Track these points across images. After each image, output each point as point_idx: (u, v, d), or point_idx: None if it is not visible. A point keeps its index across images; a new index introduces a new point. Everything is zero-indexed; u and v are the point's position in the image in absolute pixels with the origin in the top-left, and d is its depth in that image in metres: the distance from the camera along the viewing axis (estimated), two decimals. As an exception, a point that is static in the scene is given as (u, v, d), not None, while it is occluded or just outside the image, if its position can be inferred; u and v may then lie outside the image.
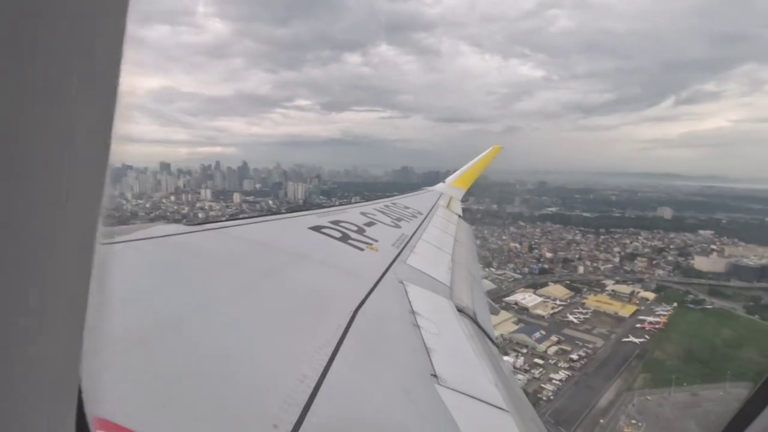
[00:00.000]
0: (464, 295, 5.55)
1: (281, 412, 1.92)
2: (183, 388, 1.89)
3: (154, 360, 2.02)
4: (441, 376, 2.89)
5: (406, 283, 4.77)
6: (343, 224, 6.63)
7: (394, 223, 8.16)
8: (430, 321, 3.94)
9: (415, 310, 4.05)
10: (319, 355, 2.55)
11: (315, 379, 2.26)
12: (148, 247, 3.62)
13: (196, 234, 4.45)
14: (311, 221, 6.34)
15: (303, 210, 8.03)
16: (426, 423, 2.37)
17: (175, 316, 2.49)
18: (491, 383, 3.22)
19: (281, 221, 6.33)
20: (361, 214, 8.03)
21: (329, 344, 2.72)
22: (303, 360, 2.44)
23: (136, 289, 2.74)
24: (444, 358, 3.23)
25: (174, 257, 3.66)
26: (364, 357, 2.83)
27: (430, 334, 3.58)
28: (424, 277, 5.47)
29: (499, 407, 2.90)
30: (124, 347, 2.00)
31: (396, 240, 6.80)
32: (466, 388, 2.94)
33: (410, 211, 10.21)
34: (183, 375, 1.99)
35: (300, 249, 4.89)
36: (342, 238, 5.86)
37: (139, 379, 1.86)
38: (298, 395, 2.08)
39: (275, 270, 3.98)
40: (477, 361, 3.55)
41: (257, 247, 4.65)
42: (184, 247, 3.97)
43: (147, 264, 3.32)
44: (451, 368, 3.14)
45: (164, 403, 1.75)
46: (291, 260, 4.44)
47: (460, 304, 5.03)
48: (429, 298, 4.80)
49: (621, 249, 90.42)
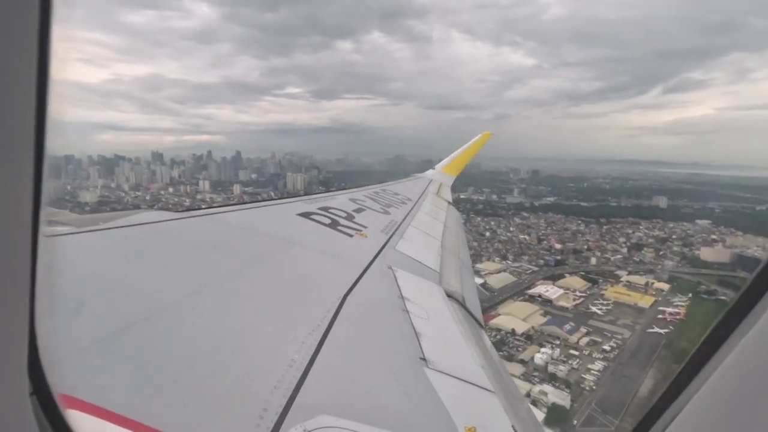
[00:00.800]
0: (453, 280, 5.58)
1: (270, 395, 1.93)
2: (171, 372, 1.90)
3: (141, 345, 2.03)
4: (430, 359, 2.92)
5: (395, 269, 4.75)
6: (332, 210, 6.59)
7: (383, 210, 8.11)
8: (419, 306, 3.96)
9: (405, 295, 4.05)
10: (309, 339, 2.57)
11: (304, 364, 2.28)
12: (136, 234, 3.59)
13: (184, 221, 4.39)
14: (300, 207, 6.28)
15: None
16: (414, 404, 2.40)
17: (163, 301, 2.48)
18: (478, 365, 3.27)
19: (269, 208, 6.27)
20: (350, 201, 7.98)
21: (318, 329, 2.74)
22: (292, 345, 2.45)
23: (123, 275, 2.74)
24: (433, 341, 3.25)
25: (162, 243, 3.62)
26: (353, 342, 2.84)
27: (419, 318, 3.61)
28: (413, 262, 5.45)
29: (485, 388, 2.95)
30: (110, 332, 2.01)
31: (385, 226, 6.76)
32: (454, 370, 2.98)
33: (400, 198, 10.16)
34: (171, 360, 2.00)
35: (289, 235, 4.83)
36: (331, 224, 5.84)
37: (128, 365, 1.87)
38: (287, 379, 2.09)
39: (263, 256, 3.95)
40: (465, 345, 3.58)
41: (245, 233, 4.59)
42: (172, 233, 3.93)
43: (134, 250, 3.30)
44: (440, 351, 3.16)
45: (154, 388, 1.75)
46: (279, 246, 4.38)
47: (449, 289, 5.04)
48: (418, 283, 4.80)
49: (626, 239, 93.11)
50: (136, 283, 2.65)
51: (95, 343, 1.90)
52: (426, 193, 12.13)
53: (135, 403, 1.62)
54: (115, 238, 3.37)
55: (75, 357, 1.77)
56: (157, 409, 1.64)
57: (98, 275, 2.65)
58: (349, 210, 7.05)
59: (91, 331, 1.98)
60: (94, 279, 2.58)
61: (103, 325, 2.06)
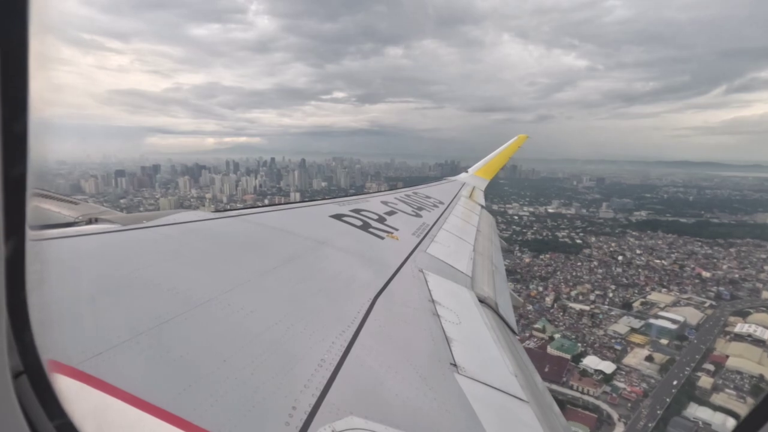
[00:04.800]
0: (486, 285, 5.47)
1: (300, 394, 1.95)
2: (204, 367, 1.92)
3: (175, 340, 2.06)
4: (460, 365, 2.86)
5: (426, 272, 4.69)
6: (364, 213, 6.59)
7: (415, 213, 8.07)
8: (450, 310, 3.88)
9: (435, 299, 4.00)
10: (339, 340, 2.56)
11: (334, 364, 2.28)
12: (174, 233, 3.66)
13: (220, 221, 4.44)
14: (332, 209, 6.30)
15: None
16: (445, 411, 2.34)
17: (197, 298, 2.50)
18: (511, 373, 3.18)
19: (302, 209, 6.27)
20: (382, 203, 7.95)
21: (348, 330, 2.73)
22: (322, 344, 2.46)
23: (159, 271, 2.76)
24: (464, 347, 3.19)
25: (198, 242, 3.65)
26: (382, 344, 2.79)
27: (449, 323, 3.55)
28: (444, 266, 5.38)
29: (518, 397, 2.86)
30: (145, 327, 2.05)
31: (417, 229, 6.68)
32: (486, 377, 2.90)
33: (431, 201, 10.02)
34: (205, 356, 2.02)
35: (320, 236, 4.80)
36: (363, 226, 5.82)
37: (163, 357, 1.91)
38: (316, 379, 2.10)
39: (295, 256, 3.95)
40: (497, 352, 3.49)
41: (278, 234, 4.59)
42: (208, 232, 3.98)
43: (171, 248, 3.32)
44: (471, 358, 3.10)
45: (188, 383, 1.78)
46: (311, 247, 4.36)
47: (482, 294, 4.93)
48: (449, 287, 4.70)
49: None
50: (171, 280, 2.67)
51: (132, 335, 1.95)
52: (459, 197, 11.87)
53: (168, 395, 1.66)
54: (155, 236, 3.46)
55: (112, 348, 1.83)
56: (189, 402, 1.67)
57: (137, 271, 2.70)
58: (380, 212, 7.02)
59: (128, 324, 2.05)
60: (134, 274, 2.64)
61: (139, 318, 2.12)
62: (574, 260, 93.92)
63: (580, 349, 58.09)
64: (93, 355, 1.74)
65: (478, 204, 12.46)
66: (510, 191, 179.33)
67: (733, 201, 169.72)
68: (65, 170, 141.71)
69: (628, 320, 66.14)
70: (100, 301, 2.24)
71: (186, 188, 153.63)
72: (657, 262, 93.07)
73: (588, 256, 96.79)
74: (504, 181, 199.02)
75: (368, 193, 9.75)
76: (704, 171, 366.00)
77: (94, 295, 2.28)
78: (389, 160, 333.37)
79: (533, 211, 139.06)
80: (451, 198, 11.35)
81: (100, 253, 2.92)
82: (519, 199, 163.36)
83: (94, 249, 2.98)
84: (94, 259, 2.79)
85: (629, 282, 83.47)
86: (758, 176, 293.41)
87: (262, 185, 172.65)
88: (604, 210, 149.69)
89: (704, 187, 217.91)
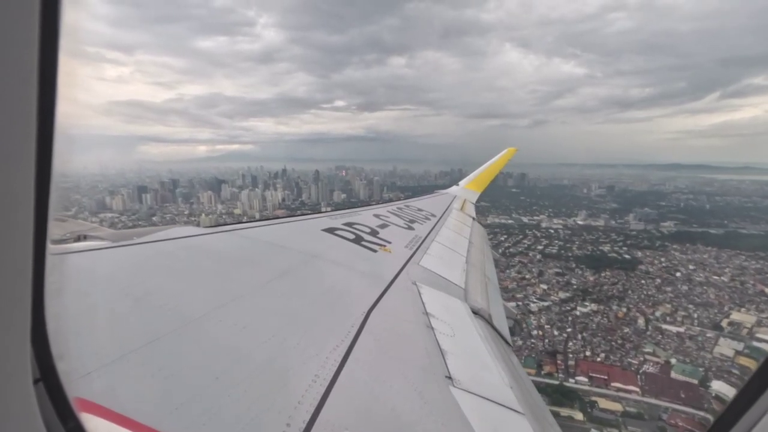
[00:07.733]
0: (479, 297, 5.48)
1: (294, 411, 1.93)
2: (196, 384, 1.91)
3: (167, 357, 2.05)
4: (455, 378, 2.86)
5: (419, 285, 4.69)
6: (357, 226, 6.63)
7: (407, 225, 8.11)
8: (444, 322, 3.88)
9: (429, 311, 4.00)
10: (333, 355, 2.55)
11: (328, 379, 2.27)
12: (166, 248, 3.67)
13: (213, 236, 4.45)
14: (325, 223, 6.34)
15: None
16: (441, 424, 2.33)
17: (190, 314, 2.50)
18: (506, 385, 3.18)
19: (295, 223, 6.33)
20: (374, 216, 8.05)
21: (342, 345, 2.72)
22: (316, 360, 2.44)
23: (152, 288, 2.75)
24: (458, 359, 3.19)
25: (191, 257, 3.64)
26: (377, 358, 2.79)
27: (444, 335, 3.56)
28: (437, 278, 5.39)
29: (514, 410, 2.86)
30: (138, 343, 2.05)
31: (409, 242, 6.70)
32: (481, 390, 2.90)
33: (423, 214, 10.11)
34: (198, 372, 2.01)
35: (313, 250, 4.80)
36: (355, 239, 5.84)
37: (155, 375, 1.89)
38: (310, 395, 2.08)
39: (288, 270, 3.94)
40: (492, 364, 3.49)
41: (271, 248, 4.60)
42: (201, 248, 3.97)
43: (164, 264, 3.31)
44: (466, 370, 3.10)
45: (180, 399, 1.76)
46: (304, 261, 4.35)
47: (475, 306, 4.95)
48: (443, 299, 4.71)
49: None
50: (164, 296, 2.67)
51: (123, 353, 1.95)
52: (450, 209, 11.99)
53: (161, 412, 1.65)
54: (147, 252, 3.47)
55: (103, 367, 1.82)
56: (181, 421, 1.65)
57: (129, 288, 2.70)
58: (373, 225, 7.06)
59: (120, 342, 2.05)
60: (126, 291, 2.63)
61: (131, 336, 2.12)
62: (635, 277, 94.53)
63: (702, 373, 58.18)
64: (82, 375, 1.70)
65: (469, 216, 12.51)
66: (527, 201, 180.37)
67: (748, 209, 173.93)
68: (70, 184, 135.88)
69: (727, 342, 66.77)
70: (90, 319, 2.22)
71: (211, 203, 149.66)
72: (715, 278, 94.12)
73: (646, 272, 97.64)
74: (517, 191, 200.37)
75: (360, 207, 9.42)
76: (696, 173, 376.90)
77: (83, 313, 2.26)
78: (391, 167, 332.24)
79: (564, 224, 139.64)
80: (442, 210, 11.38)
81: (90, 271, 2.88)
82: (542, 209, 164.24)
83: (85, 266, 2.94)
84: (85, 277, 2.76)
85: (702, 301, 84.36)
86: (754, 179, 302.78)
87: (285, 198, 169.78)
88: (633, 221, 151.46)
89: (710, 193, 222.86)
